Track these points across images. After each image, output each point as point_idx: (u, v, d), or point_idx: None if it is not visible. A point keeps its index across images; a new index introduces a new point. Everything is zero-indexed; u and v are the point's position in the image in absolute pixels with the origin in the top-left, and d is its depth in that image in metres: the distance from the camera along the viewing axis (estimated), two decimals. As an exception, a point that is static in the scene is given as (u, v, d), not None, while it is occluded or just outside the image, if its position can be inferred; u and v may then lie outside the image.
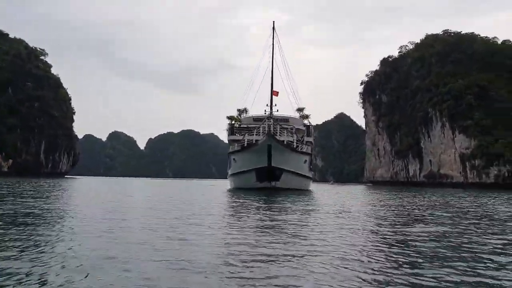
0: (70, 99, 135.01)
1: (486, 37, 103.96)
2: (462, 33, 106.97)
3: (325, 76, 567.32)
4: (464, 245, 7.95)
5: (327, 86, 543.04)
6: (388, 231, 9.78)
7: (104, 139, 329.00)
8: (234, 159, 33.94)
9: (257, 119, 40.89)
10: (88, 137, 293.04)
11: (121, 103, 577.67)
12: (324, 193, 30.98)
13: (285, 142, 30.93)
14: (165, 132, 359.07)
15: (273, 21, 42.83)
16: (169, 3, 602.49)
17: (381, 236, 8.94)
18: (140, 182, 70.65)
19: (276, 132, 29.77)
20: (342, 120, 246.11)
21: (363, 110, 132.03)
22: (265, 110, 46.64)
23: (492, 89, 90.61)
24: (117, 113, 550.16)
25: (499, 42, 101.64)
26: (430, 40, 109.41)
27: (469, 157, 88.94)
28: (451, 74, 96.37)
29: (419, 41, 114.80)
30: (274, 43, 41.05)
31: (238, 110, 48.58)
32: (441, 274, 5.55)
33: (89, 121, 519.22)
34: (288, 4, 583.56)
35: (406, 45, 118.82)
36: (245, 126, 39.17)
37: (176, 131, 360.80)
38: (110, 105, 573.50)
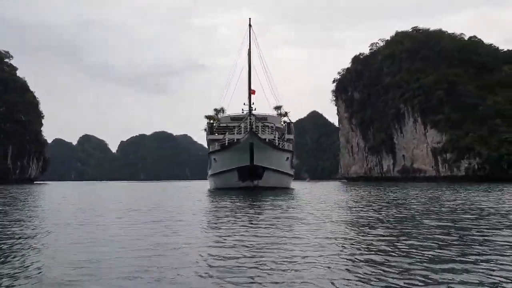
0: (38, 102, 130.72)
1: (454, 33, 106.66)
2: (430, 30, 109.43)
3: (297, 75, 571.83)
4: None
5: (299, 85, 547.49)
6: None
7: (74, 143, 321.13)
8: (214, 159, 33.19)
9: (235, 118, 40.40)
10: (58, 141, 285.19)
11: (90, 106, 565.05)
12: (308, 191, 30.64)
13: (267, 140, 30.41)
14: (137, 135, 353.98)
15: (249, 18, 42.04)
16: (135, 3, 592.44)
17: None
18: (114, 186, 68.86)
19: (258, 130, 29.26)
20: (315, 118, 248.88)
21: (336, 107, 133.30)
22: (242, 109, 46.12)
23: (460, 84, 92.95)
24: (87, 116, 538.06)
25: (466, 38, 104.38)
26: (400, 37, 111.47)
27: (441, 151, 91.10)
28: (420, 70, 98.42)
29: (389, 38, 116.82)
30: (251, 40, 40.20)
31: (215, 109, 47.92)
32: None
33: (59, 125, 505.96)
34: (257, 5, 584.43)
35: (377, 43, 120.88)
36: (224, 125, 38.61)
37: (148, 133, 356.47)
38: (80, 108, 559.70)
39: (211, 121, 38.42)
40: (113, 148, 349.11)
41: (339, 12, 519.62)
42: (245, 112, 45.11)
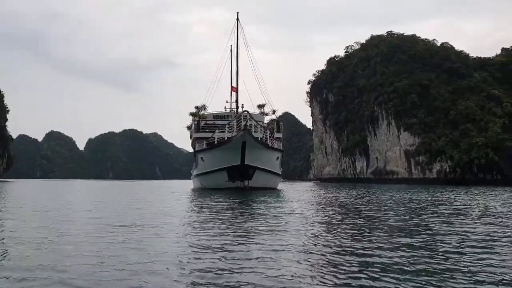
0: (2, 96, 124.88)
1: (426, 39, 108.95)
2: (404, 34, 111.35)
3: (268, 76, 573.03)
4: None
5: (270, 86, 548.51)
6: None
7: (40, 139, 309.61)
8: (201, 158, 31.76)
9: (218, 116, 39.31)
10: (23, 138, 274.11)
11: (57, 101, 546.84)
12: (295, 192, 29.70)
13: (259, 139, 29.35)
14: (106, 132, 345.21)
15: (237, 12, 40.99)
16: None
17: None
18: (83, 185, 65.98)
19: (251, 129, 28.19)
20: (287, 118, 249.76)
21: (310, 108, 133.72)
22: (225, 107, 45.16)
23: (433, 88, 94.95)
24: (53, 111, 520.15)
25: (438, 44, 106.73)
26: (375, 41, 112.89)
27: (414, 154, 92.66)
28: (395, 74, 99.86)
29: (364, 42, 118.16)
30: (238, 34, 39.01)
31: (196, 107, 46.56)
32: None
33: (23, 121, 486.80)
34: (231, 5, 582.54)
35: (352, 45, 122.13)
36: (211, 122, 37.35)
37: (117, 130, 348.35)
38: (46, 102, 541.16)
39: (197, 118, 36.86)
40: (81, 145, 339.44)
41: (312, 16, 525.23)
42: (227, 109, 44.06)
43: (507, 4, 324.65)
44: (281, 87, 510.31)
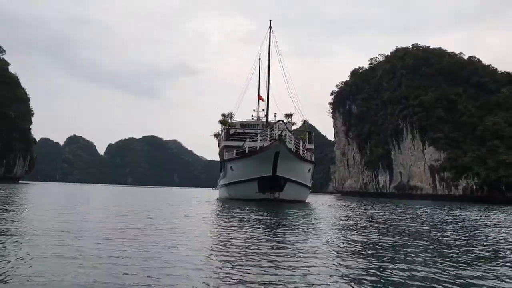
0: (28, 99, 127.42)
1: (453, 52, 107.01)
2: (430, 47, 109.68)
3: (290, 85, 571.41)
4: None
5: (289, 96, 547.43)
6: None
7: (61, 143, 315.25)
8: (231, 167, 30.63)
9: (245, 125, 38.73)
10: (45, 141, 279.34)
11: (79, 106, 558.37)
12: (323, 207, 28.50)
13: (292, 149, 28.41)
14: (126, 138, 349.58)
15: (270, 20, 40.00)
16: (126, 3, 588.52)
17: None
18: (105, 190, 66.13)
19: (285, 138, 27.28)
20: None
21: (332, 120, 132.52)
22: (252, 115, 44.71)
23: (460, 103, 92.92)
24: (75, 116, 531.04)
25: (465, 57, 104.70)
26: (400, 53, 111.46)
27: (439, 169, 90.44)
28: (421, 87, 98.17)
29: (389, 54, 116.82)
30: (270, 43, 38.24)
31: (223, 115, 46.18)
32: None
33: (46, 124, 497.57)
34: (254, 13, 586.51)
35: (377, 57, 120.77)
36: (240, 131, 36.66)
37: (137, 136, 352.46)
38: (68, 107, 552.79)
39: (227, 126, 36.04)
40: (101, 150, 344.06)
41: (331, 25, 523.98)
42: (254, 118, 43.54)
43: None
44: (302, 96, 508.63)
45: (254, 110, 45.81)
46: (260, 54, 48.86)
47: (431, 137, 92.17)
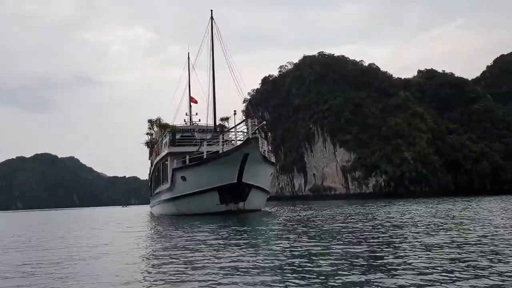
0: None
1: (355, 59, 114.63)
2: (335, 55, 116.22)
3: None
4: None
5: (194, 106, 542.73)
6: None
7: None
8: (183, 177, 25.59)
9: (179, 130, 35.24)
10: None
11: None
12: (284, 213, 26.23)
13: (261, 151, 23.92)
14: (14, 157, 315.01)
15: (211, 10, 34.75)
16: (13, 10, 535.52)
17: None
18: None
19: (258, 138, 23.76)
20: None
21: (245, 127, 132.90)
22: (184, 120, 42.02)
23: (365, 106, 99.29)
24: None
25: (366, 64, 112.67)
26: (308, 61, 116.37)
27: (350, 169, 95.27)
28: (329, 92, 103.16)
29: (297, 62, 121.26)
30: (213, 35, 34.23)
31: (149, 120, 42.77)
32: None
33: None
34: (154, 23, 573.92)
35: (286, 65, 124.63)
36: (189, 135, 32.88)
37: (28, 155, 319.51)
38: None
39: (170, 130, 31.57)
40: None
41: (235, 37, 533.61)
42: (187, 123, 40.84)
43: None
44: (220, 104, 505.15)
45: (186, 114, 43.25)
46: (188, 53, 46.59)
47: (341, 139, 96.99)
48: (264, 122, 22.90)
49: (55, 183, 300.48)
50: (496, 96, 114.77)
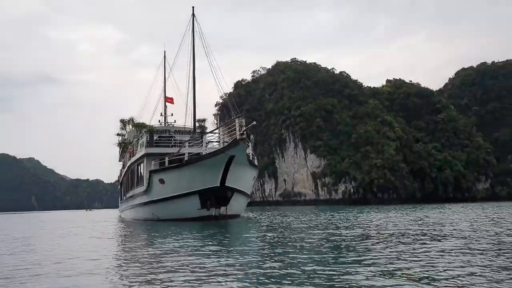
0: None
1: (326, 67, 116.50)
2: (307, 62, 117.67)
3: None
4: None
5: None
6: None
7: None
8: (161, 179, 24.29)
9: (156, 131, 34.04)
10: None
11: None
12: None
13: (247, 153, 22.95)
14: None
15: (193, 7, 33.31)
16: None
17: None
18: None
19: (248, 138, 22.66)
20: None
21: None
22: (159, 120, 40.89)
23: (336, 113, 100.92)
24: None
25: (337, 72, 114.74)
26: (281, 67, 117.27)
27: (320, 175, 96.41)
28: (301, 98, 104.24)
29: (270, 67, 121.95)
30: (194, 32, 33.20)
31: (122, 120, 41.53)
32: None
33: None
34: (124, 23, 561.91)
35: (259, 70, 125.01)
36: (167, 135, 31.65)
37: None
38: None
39: (150, 130, 30.12)
40: None
41: (209, 40, 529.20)
42: (161, 123, 39.77)
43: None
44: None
45: (161, 115, 42.04)
46: (165, 52, 45.71)
47: (312, 145, 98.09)
48: (254, 122, 21.59)
49: (12, 185, 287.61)
50: (458, 107, 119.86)
